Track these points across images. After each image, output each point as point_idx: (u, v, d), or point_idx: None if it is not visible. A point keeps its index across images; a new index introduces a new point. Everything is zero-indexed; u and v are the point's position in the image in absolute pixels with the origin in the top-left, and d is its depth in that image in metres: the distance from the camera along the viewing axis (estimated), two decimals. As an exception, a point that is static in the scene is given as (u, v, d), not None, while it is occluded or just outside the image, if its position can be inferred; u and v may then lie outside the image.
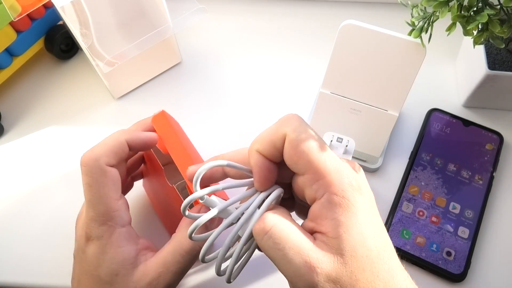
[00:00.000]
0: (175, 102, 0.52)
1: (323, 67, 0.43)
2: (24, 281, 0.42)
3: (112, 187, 0.34)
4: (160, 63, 0.53)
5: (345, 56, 0.41)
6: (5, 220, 0.45)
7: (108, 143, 0.34)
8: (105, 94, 0.53)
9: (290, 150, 0.27)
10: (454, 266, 0.41)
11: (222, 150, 0.48)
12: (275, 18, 0.58)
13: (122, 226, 0.34)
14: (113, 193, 0.33)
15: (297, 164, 0.27)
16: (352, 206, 0.25)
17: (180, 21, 0.45)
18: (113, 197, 0.33)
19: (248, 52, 0.55)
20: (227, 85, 0.53)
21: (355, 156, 0.46)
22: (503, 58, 0.45)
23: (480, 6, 0.35)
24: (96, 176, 0.33)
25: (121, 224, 0.34)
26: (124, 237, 0.33)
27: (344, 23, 0.39)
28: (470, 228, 0.42)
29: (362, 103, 0.44)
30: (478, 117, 0.49)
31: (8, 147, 0.50)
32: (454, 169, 0.45)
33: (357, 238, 0.25)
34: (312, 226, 0.26)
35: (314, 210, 0.26)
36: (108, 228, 0.33)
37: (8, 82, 0.53)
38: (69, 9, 0.44)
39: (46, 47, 0.53)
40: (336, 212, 0.25)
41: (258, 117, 0.51)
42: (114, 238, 0.33)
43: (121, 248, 0.33)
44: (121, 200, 0.34)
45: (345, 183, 0.26)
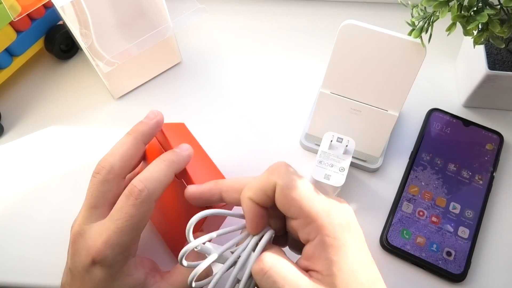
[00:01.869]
0: (175, 102, 0.52)
1: (323, 67, 0.43)
2: (24, 281, 0.42)
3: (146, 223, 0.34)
4: (160, 63, 0.53)
5: (345, 56, 0.41)
6: (5, 220, 0.45)
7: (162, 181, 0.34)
8: (105, 94, 0.53)
9: (282, 198, 0.29)
10: (454, 266, 0.41)
11: (222, 150, 0.48)
12: (275, 18, 0.58)
13: (133, 256, 0.34)
14: (143, 228, 0.33)
15: (290, 210, 0.29)
16: (343, 245, 0.27)
17: (180, 21, 0.45)
18: (141, 231, 0.33)
19: (248, 52, 0.55)
20: (227, 85, 0.53)
21: (355, 156, 0.46)
22: (503, 58, 0.45)
23: (480, 6, 0.35)
24: (144, 210, 0.32)
25: (132, 255, 0.34)
26: (133, 265, 0.34)
27: (344, 23, 0.39)
28: (470, 228, 0.42)
29: (362, 103, 0.44)
30: (478, 117, 0.49)
31: (8, 147, 0.50)
32: (454, 169, 0.45)
33: (349, 275, 0.27)
34: (307, 264, 0.28)
35: (308, 251, 0.28)
36: (122, 259, 0.33)
37: (8, 82, 0.53)
38: (69, 9, 0.44)
39: (46, 47, 0.53)
40: (329, 252, 0.27)
41: (258, 117, 0.51)
42: (126, 268, 0.33)
43: (131, 276, 0.33)
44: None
45: (335, 225, 0.28)
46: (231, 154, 0.48)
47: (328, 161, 0.41)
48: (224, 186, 0.34)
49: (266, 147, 0.49)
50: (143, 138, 0.36)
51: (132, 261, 0.34)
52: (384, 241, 0.42)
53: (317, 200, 0.29)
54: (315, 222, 0.28)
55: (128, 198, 0.32)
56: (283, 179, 0.29)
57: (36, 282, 0.42)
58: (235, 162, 0.48)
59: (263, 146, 0.49)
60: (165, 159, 0.34)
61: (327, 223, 0.28)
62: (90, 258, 0.32)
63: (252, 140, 0.49)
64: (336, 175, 0.40)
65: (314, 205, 0.28)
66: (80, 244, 0.33)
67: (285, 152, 0.48)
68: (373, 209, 0.44)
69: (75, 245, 0.34)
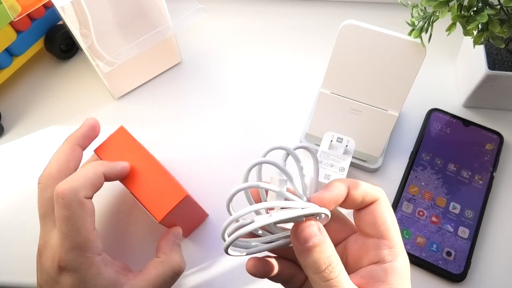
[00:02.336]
0: (175, 102, 0.52)
1: (323, 67, 0.43)
2: (24, 281, 0.42)
3: (89, 219, 0.34)
4: (160, 63, 0.53)
5: (345, 56, 0.41)
6: (5, 220, 0.45)
7: (87, 176, 0.34)
8: (105, 94, 0.53)
9: (378, 212, 0.29)
10: (454, 266, 0.41)
11: (221, 150, 0.48)
12: (275, 18, 0.58)
13: (98, 254, 0.34)
14: (90, 225, 0.34)
15: (376, 228, 0.29)
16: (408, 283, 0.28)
17: (180, 21, 0.45)
18: (90, 228, 0.34)
19: (248, 52, 0.56)
20: (227, 85, 0.53)
21: (355, 156, 0.46)
22: (503, 58, 0.45)
23: (480, 6, 0.35)
24: (75, 209, 0.33)
25: (98, 253, 0.34)
26: (102, 263, 0.34)
27: (344, 23, 0.39)
28: (470, 228, 0.42)
29: (362, 103, 0.44)
30: (478, 117, 0.49)
31: (8, 147, 0.50)
32: (454, 169, 0.45)
33: None
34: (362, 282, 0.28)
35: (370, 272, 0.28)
36: (86, 259, 0.33)
37: (8, 82, 0.53)
38: (69, 9, 0.44)
39: (46, 47, 0.53)
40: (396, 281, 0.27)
41: (258, 117, 0.51)
42: (93, 267, 0.33)
43: (101, 274, 0.33)
44: (96, 230, 0.35)
45: (407, 259, 0.28)
46: (231, 154, 0.48)
47: (328, 161, 0.41)
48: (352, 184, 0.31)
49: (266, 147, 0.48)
50: (77, 141, 0.38)
51: (99, 260, 0.34)
52: (384, 241, 0.42)
53: (398, 230, 0.29)
54: (398, 248, 0.28)
55: (56, 202, 0.33)
56: (384, 196, 0.30)
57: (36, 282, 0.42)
58: (235, 162, 0.48)
59: (263, 146, 0.49)
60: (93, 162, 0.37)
61: (405, 257, 0.28)
62: (56, 266, 0.33)
63: (252, 140, 0.49)
64: (336, 175, 0.40)
65: (398, 232, 0.29)
66: (44, 257, 0.34)
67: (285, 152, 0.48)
68: (373, 209, 0.44)
69: (41, 259, 0.34)
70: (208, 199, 0.45)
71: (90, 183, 0.34)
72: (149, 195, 0.36)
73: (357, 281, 0.28)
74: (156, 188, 0.37)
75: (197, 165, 0.48)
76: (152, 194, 0.36)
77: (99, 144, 0.40)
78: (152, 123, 0.51)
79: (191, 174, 0.47)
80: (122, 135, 0.40)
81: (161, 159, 0.48)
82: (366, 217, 0.29)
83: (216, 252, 0.43)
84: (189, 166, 0.48)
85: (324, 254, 0.26)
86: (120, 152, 0.39)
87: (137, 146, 0.39)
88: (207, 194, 0.46)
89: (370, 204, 0.29)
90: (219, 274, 0.42)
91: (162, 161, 0.48)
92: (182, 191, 0.37)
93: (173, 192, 0.36)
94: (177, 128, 0.50)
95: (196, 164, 0.48)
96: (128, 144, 0.39)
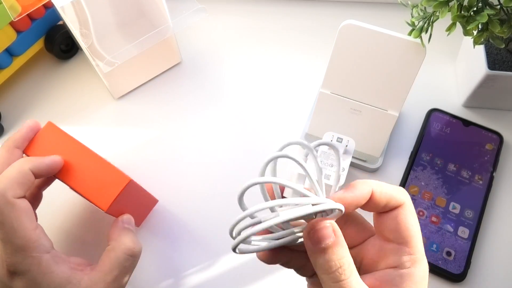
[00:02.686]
0: (175, 102, 0.52)
1: (323, 67, 0.43)
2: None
3: (26, 219, 0.33)
4: (160, 63, 0.53)
5: (345, 56, 0.41)
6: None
7: (11, 175, 0.33)
8: (105, 94, 0.53)
9: (402, 218, 0.28)
10: (454, 266, 0.41)
11: (221, 150, 0.48)
12: (275, 18, 0.58)
13: (46, 252, 0.33)
14: (28, 225, 0.33)
15: (399, 233, 0.28)
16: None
17: (180, 21, 0.45)
18: (29, 228, 0.33)
19: (248, 52, 0.56)
20: (227, 85, 0.53)
21: (355, 156, 0.46)
22: (503, 58, 0.45)
23: (480, 6, 0.35)
24: (7, 212, 0.32)
25: (45, 251, 0.33)
26: (52, 262, 0.33)
27: (344, 23, 0.39)
28: (470, 228, 0.42)
29: (362, 103, 0.44)
30: (478, 117, 0.49)
31: (8, 147, 0.50)
32: (454, 169, 0.45)
33: None
34: (375, 284, 0.27)
35: (386, 275, 0.27)
36: (33, 259, 0.32)
37: (8, 82, 0.53)
38: (69, 9, 0.44)
39: (46, 47, 0.53)
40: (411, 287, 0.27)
41: (258, 117, 0.51)
42: (43, 266, 0.32)
43: (53, 272, 0.33)
44: (38, 228, 0.34)
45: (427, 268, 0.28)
46: (231, 154, 0.48)
47: (328, 161, 0.41)
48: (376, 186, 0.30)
49: (266, 147, 0.49)
50: (15, 144, 0.37)
51: (48, 258, 0.33)
52: (384, 241, 0.42)
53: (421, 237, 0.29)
54: (418, 255, 0.28)
55: None
56: (410, 202, 0.28)
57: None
58: (235, 162, 0.48)
59: (262, 146, 0.49)
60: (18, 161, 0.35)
61: (425, 265, 0.28)
62: (6, 272, 0.32)
63: (252, 140, 0.49)
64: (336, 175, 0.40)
65: (421, 240, 0.28)
66: None
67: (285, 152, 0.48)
68: (373, 209, 0.44)
69: None
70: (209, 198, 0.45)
71: (16, 182, 0.33)
72: (91, 187, 0.36)
73: (371, 282, 0.27)
74: (97, 178, 0.36)
75: (197, 164, 0.48)
76: (94, 185, 0.36)
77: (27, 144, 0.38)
78: (152, 123, 0.51)
79: (191, 174, 0.47)
80: (51, 131, 0.38)
81: (161, 158, 0.48)
82: (388, 222, 0.28)
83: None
84: (189, 165, 0.48)
85: (336, 256, 0.26)
86: (51, 148, 0.37)
87: (69, 140, 0.38)
88: (207, 193, 0.46)
89: (394, 209, 0.28)
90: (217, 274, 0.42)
91: (161, 161, 0.48)
92: (125, 177, 0.36)
93: (116, 180, 0.36)
94: (177, 128, 0.50)
95: (196, 164, 0.48)
96: (59, 139, 0.38)
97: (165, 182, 0.47)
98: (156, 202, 0.45)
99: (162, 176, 0.47)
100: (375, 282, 0.27)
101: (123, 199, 0.37)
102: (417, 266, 0.27)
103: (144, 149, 0.49)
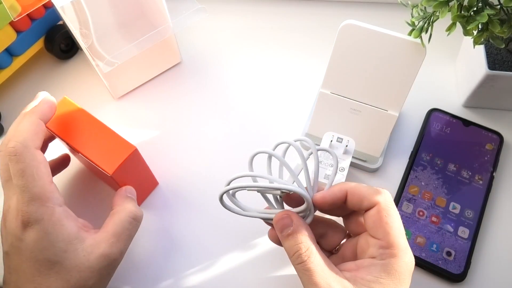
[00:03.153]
0: (175, 102, 0.52)
1: (323, 67, 0.43)
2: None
3: (45, 170, 0.34)
4: (160, 63, 0.53)
5: (345, 56, 0.41)
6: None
7: (26, 128, 0.35)
8: (105, 94, 0.53)
9: (376, 218, 0.32)
10: (454, 266, 0.41)
11: (221, 150, 0.48)
12: (275, 18, 0.58)
13: (59, 205, 0.34)
14: (46, 176, 0.34)
15: (376, 230, 0.32)
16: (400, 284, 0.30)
17: (180, 21, 0.45)
18: (47, 179, 0.34)
19: (248, 52, 0.56)
20: (226, 85, 0.53)
21: (355, 156, 0.46)
22: (503, 58, 0.45)
23: (480, 6, 0.35)
24: (29, 161, 0.33)
25: (58, 204, 0.34)
26: (64, 215, 0.34)
27: (344, 23, 0.39)
28: (470, 228, 0.42)
29: (362, 103, 0.44)
30: (478, 117, 0.49)
31: (8, 147, 0.50)
32: (454, 169, 0.45)
33: None
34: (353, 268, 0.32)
35: (364, 263, 0.32)
36: (47, 209, 0.33)
37: (8, 82, 0.53)
38: (69, 9, 0.44)
39: (46, 47, 0.53)
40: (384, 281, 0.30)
41: (258, 117, 0.51)
42: (55, 217, 0.33)
43: (63, 225, 0.34)
44: (53, 182, 0.35)
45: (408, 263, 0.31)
46: (231, 154, 0.48)
47: (328, 161, 0.41)
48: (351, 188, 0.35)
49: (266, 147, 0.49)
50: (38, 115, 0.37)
51: (60, 211, 0.34)
52: (384, 241, 0.42)
53: (403, 236, 0.32)
54: (394, 250, 0.31)
55: (10, 160, 0.33)
56: (385, 202, 0.32)
57: None
58: (235, 161, 0.48)
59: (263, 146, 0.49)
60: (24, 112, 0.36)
61: (402, 260, 0.31)
62: (20, 224, 0.33)
63: (252, 140, 0.49)
64: (336, 175, 0.40)
65: (400, 238, 0.31)
66: (8, 219, 0.34)
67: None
68: (373, 209, 0.44)
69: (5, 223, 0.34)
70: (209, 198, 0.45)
71: (34, 133, 0.35)
72: (99, 153, 0.38)
73: (350, 266, 0.32)
74: (105, 146, 0.38)
75: (197, 164, 0.48)
76: (102, 151, 0.38)
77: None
78: (152, 123, 0.51)
79: (190, 173, 0.47)
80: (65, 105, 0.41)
81: (161, 158, 0.48)
82: (367, 220, 0.33)
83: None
84: (189, 165, 0.48)
85: (294, 242, 0.31)
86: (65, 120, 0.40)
87: (82, 112, 0.41)
88: (207, 193, 0.46)
89: (371, 208, 0.32)
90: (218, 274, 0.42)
91: (161, 161, 0.48)
92: (131, 146, 0.39)
93: (123, 148, 0.38)
94: (177, 127, 0.50)
95: (196, 164, 0.48)
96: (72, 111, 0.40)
97: (165, 182, 0.47)
98: (157, 184, 0.46)
99: (162, 176, 0.47)
100: (354, 266, 0.32)
101: (128, 168, 0.39)
102: (394, 259, 0.31)
103: (144, 149, 0.49)
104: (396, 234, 0.31)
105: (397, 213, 0.32)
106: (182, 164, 0.48)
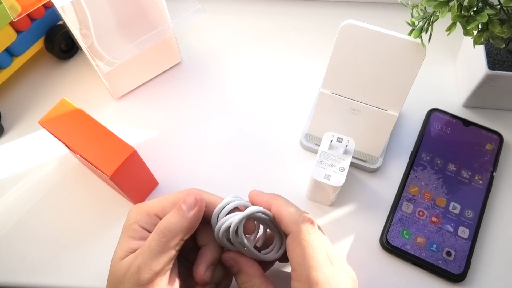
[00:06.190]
0: (175, 102, 0.52)
1: (323, 67, 0.43)
2: (24, 281, 0.42)
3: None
4: (160, 63, 0.53)
5: (345, 56, 0.41)
6: (5, 220, 0.45)
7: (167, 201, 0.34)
8: (105, 94, 0.53)
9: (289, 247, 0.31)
10: (454, 266, 0.41)
11: (221, 150, 0.48)
12: (275, 18, 0.58)
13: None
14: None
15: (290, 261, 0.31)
16: None
17: (180, 21, 0.45)
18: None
19: (248, 52, 0.56)
20: (226, 85, 0.53)
21: (355, 156, 0.46)
22: (503, 58, 0.45)
23: (480, 6, 0.35)
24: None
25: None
26: None
27: (344, 23, 0.39)
28: (470, 228, 0.42)
29: (362, 103, 0.44)
30: (478, 117, 0.49)
31: (8, 147, 0.50)
32: (454, 169, 0.45)
33: None
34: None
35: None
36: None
37: (8, 82, 0.53)
38: (69, 9, 0.44)
39: (46, 47, 0.53)
40: None
41: (258, 117, 0.51)
42: None
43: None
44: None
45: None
46: (231, 154, 0.48)
47: (328, 161, 0.41)
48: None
49: (266, 147, 0.49)
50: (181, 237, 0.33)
51: None
52: (384, 241, 0.42)
53: (319, 269, 0.30)
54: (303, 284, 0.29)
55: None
56: (298, 232, 0.31)
57: (36, 282, 0.42)
58: (235, 161, 0.48)
59: (263, 146, 0.49)
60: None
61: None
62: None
63: (252, 140, 0.49)
64: (336, 175, 0.40)
65: (311, 271, 0.29)
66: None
67: (285, 152, 0.48)
68: (373, 209, 0.44)
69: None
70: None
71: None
72: (98, 155, 0.38)
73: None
74: (104, 148, 0.39)
75: (197, 164, 0.48)
76: (101, 153, 0.39)
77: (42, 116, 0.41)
78: (152, 123, 0.51)
79: (190, 173, 0.47)
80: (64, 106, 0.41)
81: (161, 158, 0.48)
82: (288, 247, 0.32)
83: None
84: (189, 165, 0.48)
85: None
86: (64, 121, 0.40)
87: (81, 114, 0.41)
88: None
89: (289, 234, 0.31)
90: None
91: (161, 161, 0.48)
92: (129, 147, 0.39)
93: (122, 150, 0.39)
94: (177, 127, 0.50)
95: (196, 164, 0.48)
96: (71, 113, 0.41)
97: (165, 182, 0.47)
98: (157, 184, 0.46)
99: (162, 176, 0.47)
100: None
101: (127, 169, 0.39)
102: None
103: (144, 149, 0.49)
104: (308, 266, 0.29)
105: (313, 244, 0.30)
106: (182, 164, 0.48)
